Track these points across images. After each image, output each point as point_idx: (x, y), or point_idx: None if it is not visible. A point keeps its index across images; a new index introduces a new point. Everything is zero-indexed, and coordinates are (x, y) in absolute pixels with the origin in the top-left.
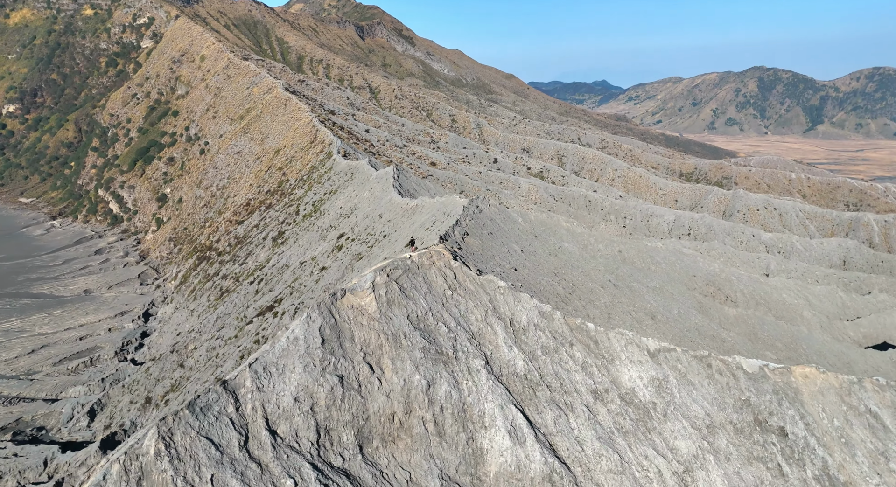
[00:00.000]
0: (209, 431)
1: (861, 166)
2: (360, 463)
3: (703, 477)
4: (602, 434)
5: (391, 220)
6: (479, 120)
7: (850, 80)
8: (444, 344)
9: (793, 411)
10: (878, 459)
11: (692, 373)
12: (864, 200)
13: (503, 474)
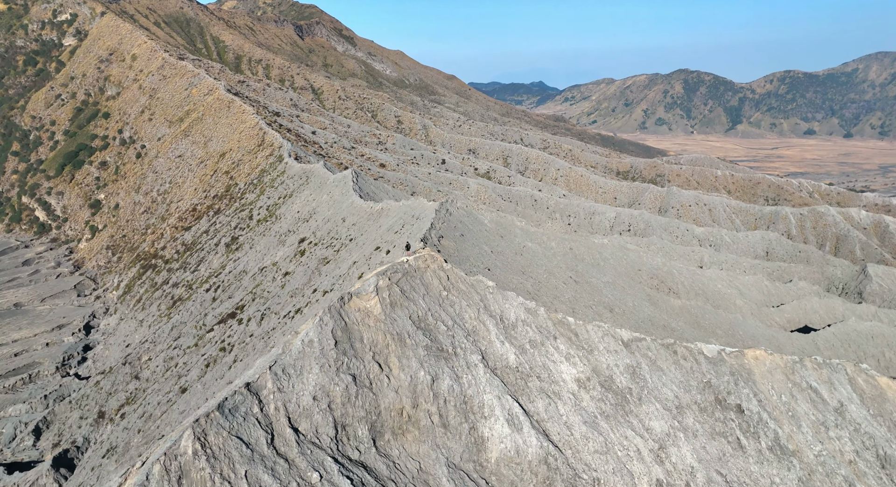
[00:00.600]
0: (238, 431)
1: (776, 163)
2: (374, 456)
3: (675, 453)
4: (587, 419)
5: (356, 224)
6: (424, 121)
7: (764, 83)
8: (443, 341)
9: (747, 389)
10: (820, 429)
11: (661, 360)
12: (781, 195)
13: (503, 459)
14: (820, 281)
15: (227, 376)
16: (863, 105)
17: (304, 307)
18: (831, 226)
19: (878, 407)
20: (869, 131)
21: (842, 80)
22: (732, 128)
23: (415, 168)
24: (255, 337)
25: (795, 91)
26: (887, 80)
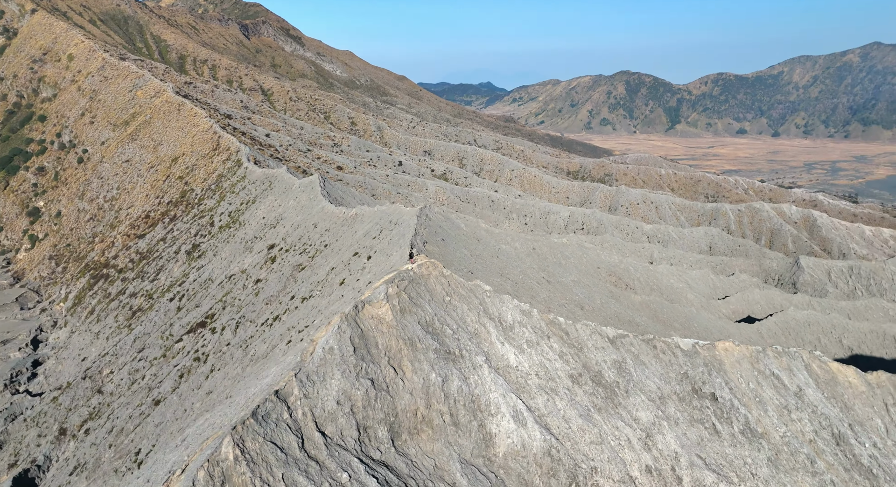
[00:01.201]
0: (272, 436)
1: (713, 161)
2: (394, 455)
3: (661, 440)
4: (582, 412)
5: (329, 230)
6: (378, 122)
7: (699, 84)
8: (450, 344)
9: (719, 379)
10: (783, 412)
11: (643, 354)
12: (719, 192)
13: (510, 453)
14: (758, 273)
15: (204, 386)
16: (788, 105)
17: (283, 314)
18: (766, 221)
19: (830, 390)
20: (794, 130)
21: (769, 82)
22: (672, 127)
23: (372, 170)
24: (233, 345)
25: (728, 92)
26: (809, 83)
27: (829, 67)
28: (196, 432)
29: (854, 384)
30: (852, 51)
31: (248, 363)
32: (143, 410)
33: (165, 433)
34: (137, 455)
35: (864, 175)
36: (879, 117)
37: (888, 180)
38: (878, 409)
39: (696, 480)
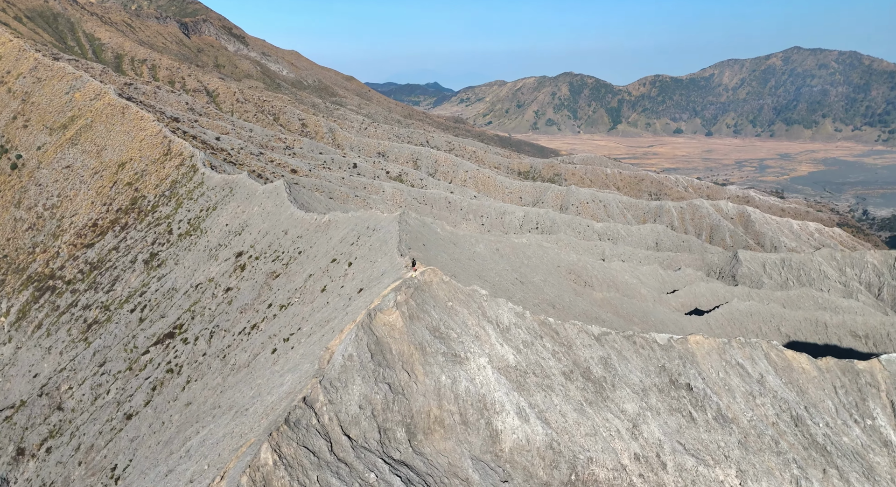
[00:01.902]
0: (304, 441)
1: (653, 159)
2: (412, 454)
3: (646, 429)
4: (576, 407)
5: (302, 237)
6: (330, 124)
7: (638, 86)
8: (456, 347)
9: (693, 370)
10: (749, 398)
11: (625, 350)
12: (662, 190)
13: (516, 448)
14: (701, 267)
15: (181, 398)
16: (719, 106)
17: (261, 322)
18: (706, 217)
19: (787, 376)
20: (725, 130)
21: (701, 83)
22: (614, 127)
23: (327, 173)
24: (209, 356)
25: (664, 94)
26: (738, 85)
27: (755, 70)
28: (200, 443)
29: (807, 369)
30: (775, 54)
31: (229, 373)
32: (115, 425)
33: (143, 446)
34: (114, 471)
35: (789, 172)
36: (800, 117)
37: (810, 176)
38: (828, 392)
39: (678, 464)
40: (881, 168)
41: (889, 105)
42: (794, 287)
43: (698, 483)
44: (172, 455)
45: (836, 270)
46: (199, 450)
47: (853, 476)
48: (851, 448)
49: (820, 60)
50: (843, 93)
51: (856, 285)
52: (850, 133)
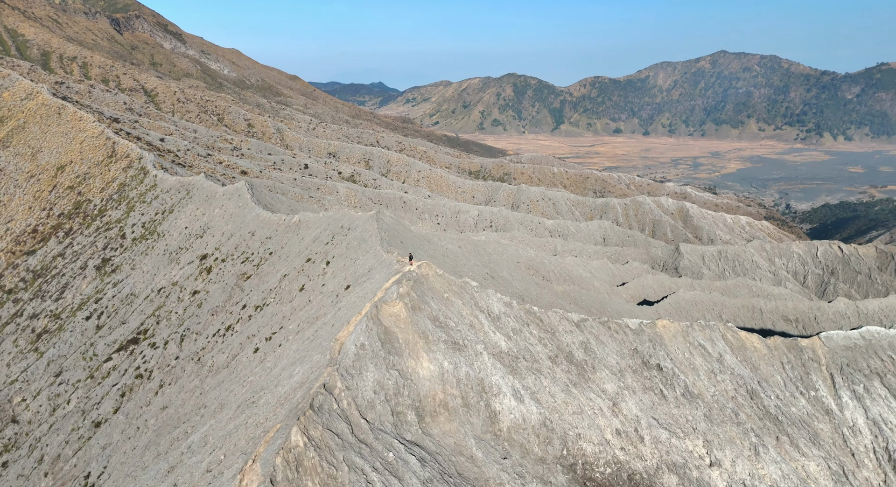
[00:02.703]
0: (328, 424)
1: (595, 158)
2: (422, 435)
3: (624, 407)
4: (563, 388)
5: (271, 238)
6: (278, 124)
7: (579, 87)
8: (455, 335)
9: (662, 351)
10: (711, 375)
11: (602, 335)
12: (606, 187)
13: (513, 427)
14: (647, 260)
15: (156, 402)
16: (655, 107)
17: (236, 324)
18: (648, 213)
19: (742, 355)
20: (661, 129)
21: (638, 85)
22: (557, 127)
23: (278, 174)
24: (182, 359)
25: (604, 94)
26: (671, 86)
27: (686, 73)
28: (203, 438)
29: (758, 348)
30: (704, 58)
31: (207, 375)
32: (82, 433)
33: (118, 453)
34: (87, 479)
35: (720, 169)
36: (728, 117)
37: (738, 173)
38: (776, 367)
39: (654, 437)
40: (800, 165)
41: (806, 106)
42: (730, 277)
43: (672, 454)
44: (161, 456)
45: (766, 260)
46: (208, 444)
47: (801, 441)
48: (799, 417)
49: (744, 64)
50: (765, 94)
51: (784, 274)
52: (772, 132)
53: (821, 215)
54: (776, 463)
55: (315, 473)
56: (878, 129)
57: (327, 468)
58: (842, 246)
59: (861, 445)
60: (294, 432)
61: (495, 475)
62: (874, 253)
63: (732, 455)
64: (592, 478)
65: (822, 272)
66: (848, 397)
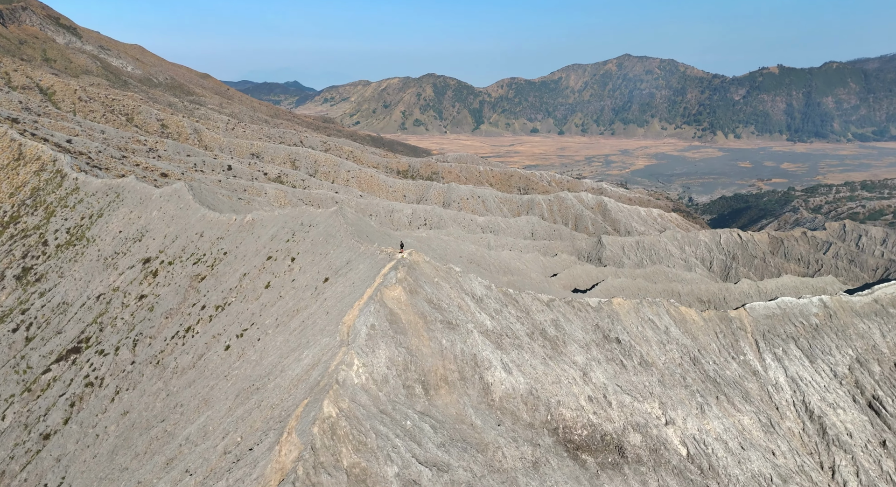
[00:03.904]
0: (353, 397)
1: (515, 157)
2: (429, 406)
3: (593, 376)
4: (542, 361)
5: (223, 238)
6: (195, 124)
7: (497, 88)
8: (448, 316)
9: (619, 326)
10: (661, 345)
11: (568, 313)
12: (529, 185)
13: (504, 396)
14: (573, 252)
15: (113, 409)
16: (568, 107)
17: (196, 324)
18: (570, 208)
19: (683, 327)
20: (574, 129)
21: (551, 86)
22: (477, 128)
23: (201, 176)
24: (140, 363)
25: (520, 95)
26: (582, 87)
27: (595, 74)
28: (202, 429)
29: (696, 320)
30: (611, 61)
31: (171, 376)
32: (30, 447)
33: (77, 462)
34: None
35: (629, 166)
36: (634, 117)
37: (645, 169)
38: (711, 337)
39: (620, 402)
40: (699, 161)
41: (701, 106)
42: (648, 264)
43: (635, 415)
44: (141, 456)
45: (677, 248)
46: (210, 433)
47: (736, 399)
48: (732, 379)
49: (646, 67)
50: (665, 95)
51: (693, 260)
52: (673, 131)
53: (719, 206)
54: (718, 419)
55: (348, 440)
56: (762, 128)
57: (357, 435)
58: (740, 233)
59: (783, 400)
60: (326, 404)
61: (493, 439)
62: (767, 239)
63: (683, 413)
64: (572, 440)
65: (725, 257)
66: (770, 359)
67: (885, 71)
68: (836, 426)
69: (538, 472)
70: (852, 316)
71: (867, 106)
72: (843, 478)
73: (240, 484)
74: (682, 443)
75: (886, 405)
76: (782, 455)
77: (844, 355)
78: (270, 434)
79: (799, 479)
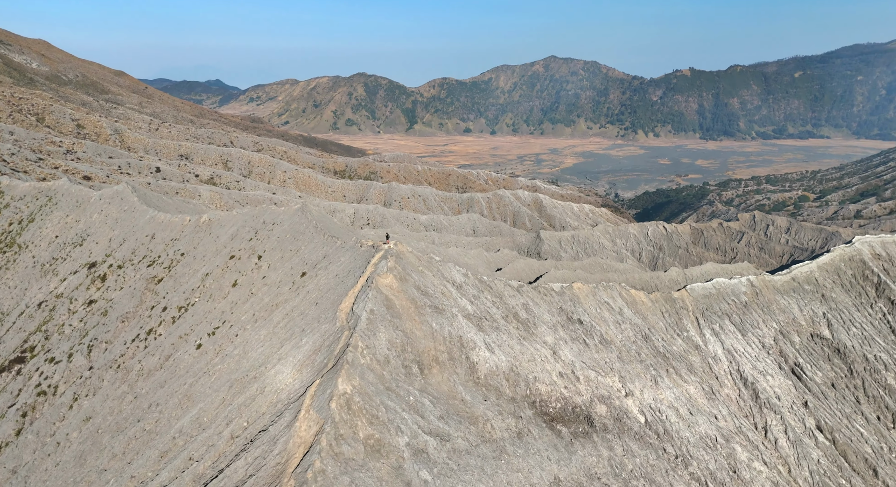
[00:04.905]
0: (362, 375)
1: (450, 157)
2: (424, 384)
3: (562, 354)
4: (518, 341)
5: (178, 239)
6: (115, 125)
7: (429, 88)
8: (435, 301)
9: (581, 308)
10: (617, 325)
11: (535, 298)
12: (467, 183)
13: (489, 374)
14: (513, 247)
15: (72, 416)
16: (499, 108)
17: (158, 326)
18: (508, 205)
19: (634, 308)
20: (506, 129)
21: (482, 87)
22: (411, 127)
23: (128, 178)
24: (98, 368)
25: (453, 95)
26: (511, 88)
27: (524, 75)
28: (196, 421)
29: (644, 301)
30: (538, 62)
31: (137, 379)
32: None
33: (38, 470)
34: None
35: (559, 164)
36: (562, 117)
37: (574, 167)
38: (658, 316)
39: (586, 377)
40: (623, 159)
41: (622, 107)
42: (583, 257)
43: (600, 388)
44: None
45: (609, 241)
46: (206, 423)
47: (683, 371)
48: (678, 353)
49: (571, 68)
50: (590, 96)
51: (624, 252)
52: (598, 130)
53: (643, 201)
54: (670, 389)
55: (362, 413)
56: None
57: (371, 409)
58: (665, 225)
59: (721, 370)
60: (341, 382)
61: (482, 413)
62: (689, 230)
63: (640, 385)
64: (548, 412)
65: (653, 248)
66: (709, 334)
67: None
68: (766, 391)
69: (522, 441)
70: (774, 293)
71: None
72: (774, 436)
73: (261, 461)
74: (641, 412)
75: (806, 370)
76: (723, 419)
77: (770, 328)
78: (286, 414)
79: (738, 439)
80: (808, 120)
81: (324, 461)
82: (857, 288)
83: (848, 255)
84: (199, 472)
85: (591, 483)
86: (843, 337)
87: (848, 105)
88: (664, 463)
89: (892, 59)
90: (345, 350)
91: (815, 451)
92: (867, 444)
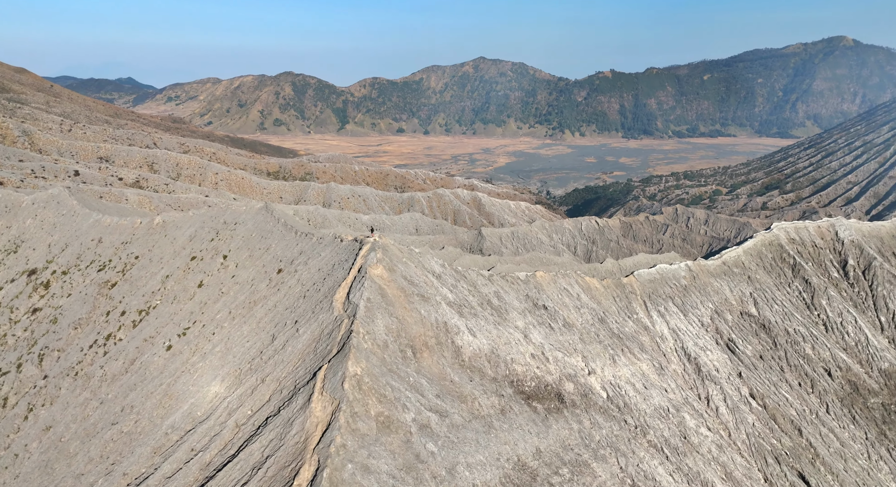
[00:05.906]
0: (368, 358)
1: (384, 157)
2: (419, 366)
3: (532, 337)
4: (494, 325)
5: (130, 242)
6: (22, 125)
7: (360, 87)
8: (421, 290)
9: (544, 295)
10: (576, 310)
11: (504, 286)
12: (405, 183)
13: (473, 356)
14: (457, 244)
15: (29, 427)
16: (431, 108)
17: (117, 331)
18: (449, 203)
19: (590, 293)
20: (439, 129)
21: (414, 87)
22: (342, 127)
23: (44, 182)
24: (55, 377)
25: (384, 95)
26: (443, 88)
27: (454, 76)
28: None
29: (598, 287)
30: (468, 63)
31: (100, 384)
32: None
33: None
34: None
35: (492, 163)
36: (493, 117)
37: (506, 166)
38: (611, 300)
39: (555, 357)
40: (552, 157)
41: (550, 107)
42: (523, 252)
43: (567, 368)
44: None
45: (546, 236)
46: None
47: (635, 350)
48: (630, 334)
49: (500, 69)
50: (519, 97)
51: (560, 246)
52: (528, 130)
53: (573, 198)
54: (626, 366)
55: (371, 393)
56: (602, 126)
57: (379, 388)
58: (597, 220)
59: (668, 348)
60: (351, 364)
61: (470, 392)
62: (619, 224)
63: (601, 364)
64: (524, 391)
65: (587, 242)
66: (656, 315)
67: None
68: (706, 364)
69: (506, 417)
70: (709, 276)
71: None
72: (715, 404)
73: (278, 442)
74: (603, 388)
75: (738, 344)
76: (672, 391)
77: (706, 308)
78: (297, 398)
79: (686, 408)
80: (716, 119)
81: (343, 436)
82: (776, 270)
83: (768, 240)
84: (206, 460)
85: (566, 453)
86: (767, 314)
87: (750, 105)
88: (626, 433)
89: (787, 63)
90: (347, 336)
91: (750, 416)
92: (792, 408)
